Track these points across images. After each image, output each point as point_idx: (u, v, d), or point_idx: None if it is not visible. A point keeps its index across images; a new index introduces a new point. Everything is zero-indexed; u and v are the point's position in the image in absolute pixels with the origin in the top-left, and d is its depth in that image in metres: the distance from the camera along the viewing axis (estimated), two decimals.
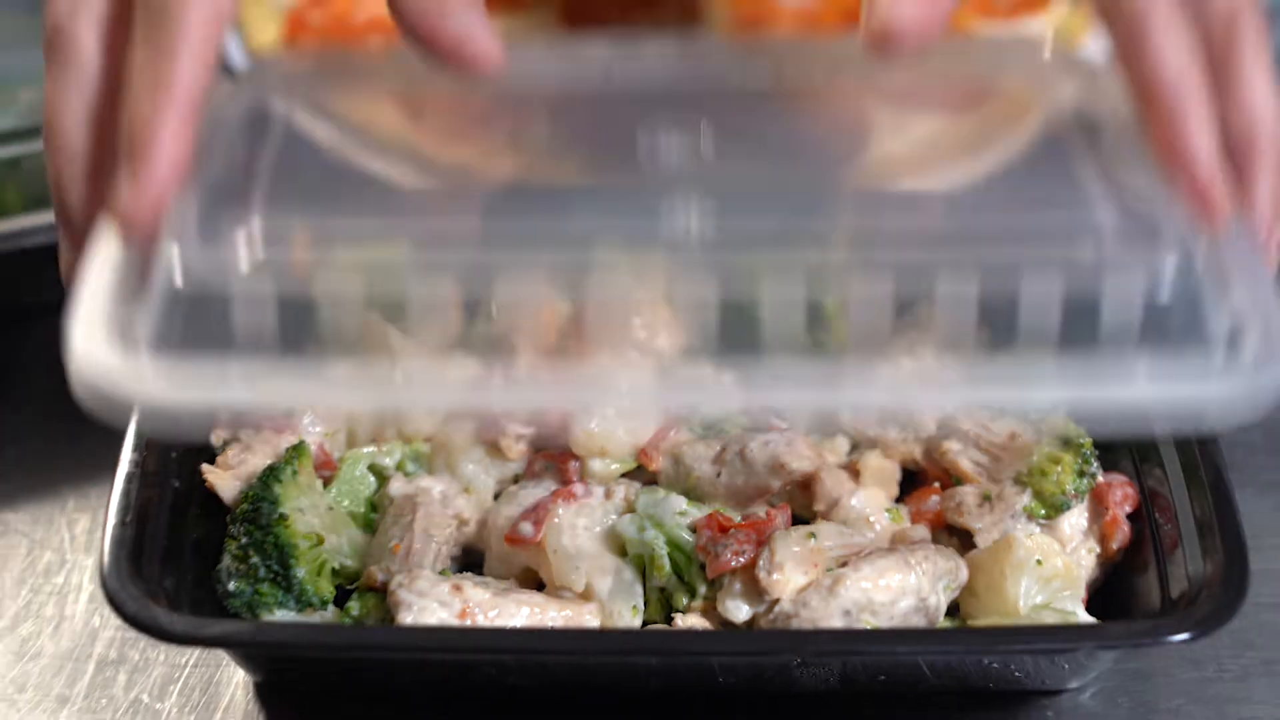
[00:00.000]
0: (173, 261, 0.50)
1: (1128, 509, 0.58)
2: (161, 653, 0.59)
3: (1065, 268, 0.50)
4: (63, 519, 0.64)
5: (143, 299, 0.49)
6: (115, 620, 0.58)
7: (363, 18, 0.81)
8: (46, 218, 0.70)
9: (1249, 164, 0.55)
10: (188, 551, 0.56)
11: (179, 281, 0.50)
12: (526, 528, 0.56)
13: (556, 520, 0.56)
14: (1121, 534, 0.58)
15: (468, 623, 0.54)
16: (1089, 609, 0.57)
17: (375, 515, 0.58)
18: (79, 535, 0.64)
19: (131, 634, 0.59)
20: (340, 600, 0.56)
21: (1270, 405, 0.47)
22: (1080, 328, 0.50)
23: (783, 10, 0.85)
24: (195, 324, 0.49)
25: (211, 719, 0.57)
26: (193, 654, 0.59)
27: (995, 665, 0.56)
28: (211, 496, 0.58)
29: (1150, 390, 0.47)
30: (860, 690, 0.57)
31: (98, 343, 0.47)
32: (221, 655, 0.58)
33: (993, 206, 0.54)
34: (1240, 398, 0.47)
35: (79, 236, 0.52)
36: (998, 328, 0.50)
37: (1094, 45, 0.81)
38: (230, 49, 0.77)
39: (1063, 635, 0.54)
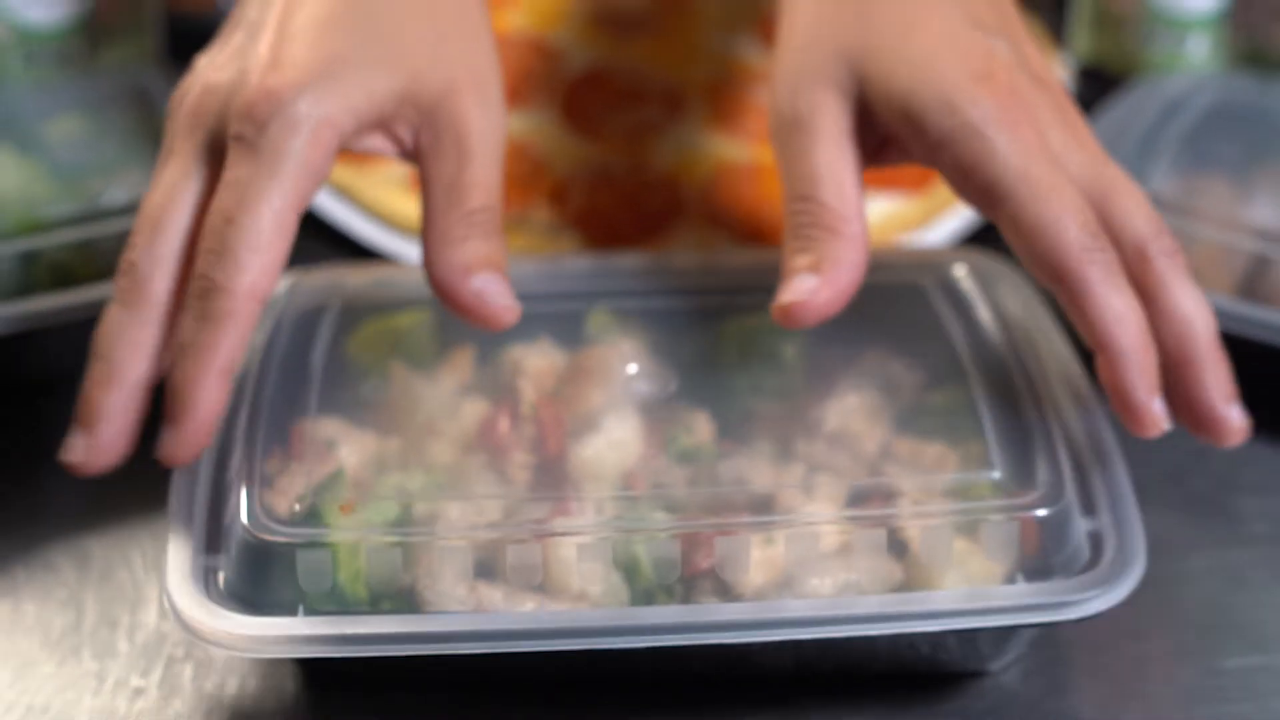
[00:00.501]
0: (240, 512, 0.65)
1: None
2: (222, 652, 0.68)
3: (959, 512, 0.65)
4: (134, 545, 0.74)
5: (218, 546, 0.65)
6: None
7: None
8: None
9: (1190, 369, 0.65)
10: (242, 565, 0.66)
11: (244, 529, 0.64)
12: (531, 540, 0.66)
13: (556, 534, 0.66)
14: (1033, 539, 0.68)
15: None
16: None
17: (403, 530, 0.67)
18: (148, 556, 0.73)
19: None
20: (374, 602, 0.66)
21: (1120, 600, 0.63)
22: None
23: (756, 105, 0.94)
24: (262, 562, 0.64)
25: (267, 701, 0.67)
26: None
27: (925, 648, 0.66)
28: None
29: (1023, 599, 0.63)
30: (815, 673, 0.67)
31: (187, 594, 0.63)
32: None
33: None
34: (1096, 600, 0.62)
35: (93, 433, 0.64)
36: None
37: (942, 229, 0.90)
38: (358, 225, 0.89)
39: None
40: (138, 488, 0.73)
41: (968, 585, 0.64)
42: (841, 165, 0.67)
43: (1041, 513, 0.64)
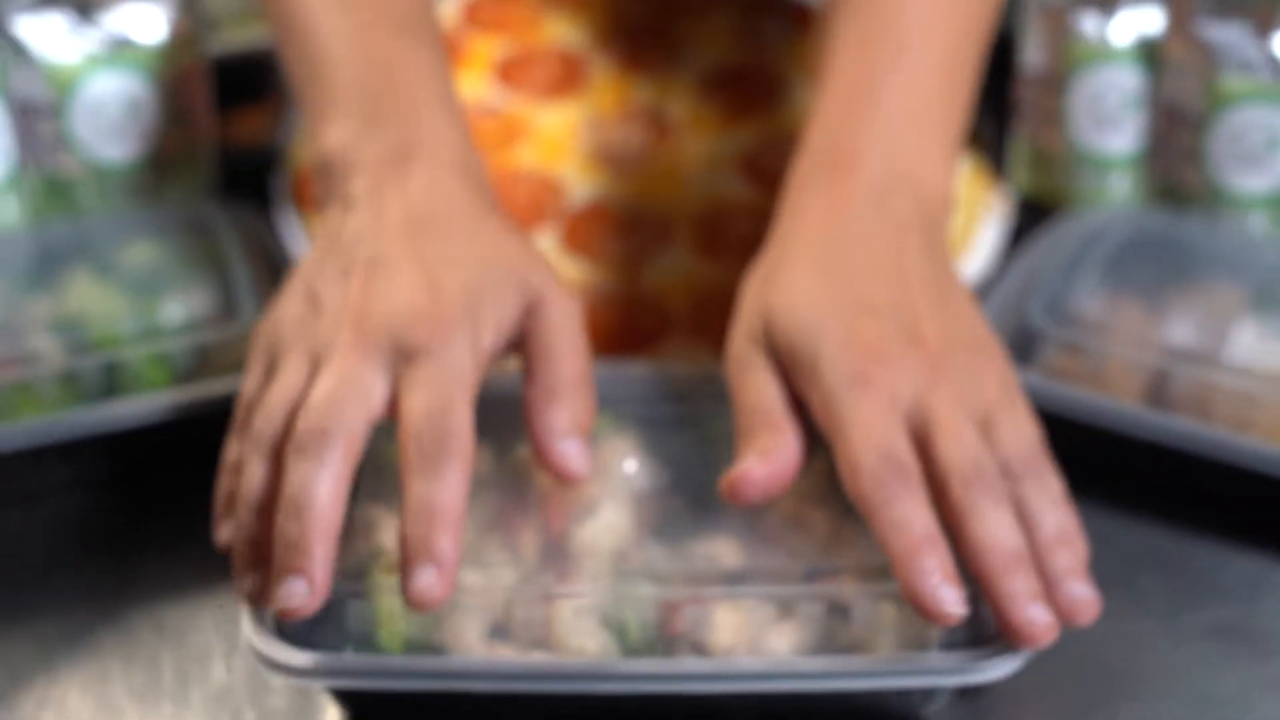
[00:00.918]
0: None
1: None
2: (279, 700, 0.80)
3: (892, 587, 0.74)
4: (205, 612, 0.84)
5: None
6: (245, 678, 0.80)
7: None
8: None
9: (986, 587, 0.73)
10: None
11: None
12: (537, 602, 0.77)
13: (558, 601, 0.76)
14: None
15: None
16: None
17: None
18: (218, 622, 0.84)
19: (257, 687, 0.80)
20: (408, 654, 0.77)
21: (1018, 667, 0.73)
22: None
23: (736, 234, 1.02)
24: (318, 612, 0.74)
25: None
26: (303, 699, 0.80)
27: (867, 697, 0.77)
28: None
29: (941, 662, 0.73)
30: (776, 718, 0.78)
31: (261, 636, 0.74)
32: (325, 700, 0.79)
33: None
34: (1000, 666, 0.73)
35: (313, 580, 0.73)
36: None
37: None
38: None
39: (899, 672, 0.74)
40: (206, 563, 0.84)
41: (898, 649, 0.75)
42: (776, 389, 0.80)
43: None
